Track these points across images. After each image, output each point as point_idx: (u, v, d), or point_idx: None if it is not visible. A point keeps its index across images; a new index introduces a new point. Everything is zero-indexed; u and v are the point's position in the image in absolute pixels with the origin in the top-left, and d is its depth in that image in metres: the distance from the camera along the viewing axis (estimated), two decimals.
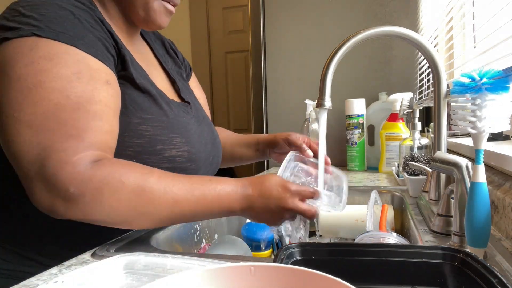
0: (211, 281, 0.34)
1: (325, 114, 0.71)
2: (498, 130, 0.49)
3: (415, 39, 0.72)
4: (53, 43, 0.57)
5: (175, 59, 0.93)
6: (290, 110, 1.71)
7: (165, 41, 0.94)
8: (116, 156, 0.61)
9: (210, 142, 0.83)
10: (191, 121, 0.77)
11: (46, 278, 0.52)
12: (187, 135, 0.73)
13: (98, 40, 0.62)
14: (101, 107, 0.58)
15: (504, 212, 0.61)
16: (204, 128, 0.82)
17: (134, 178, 0.56)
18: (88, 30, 0.61)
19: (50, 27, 0.57)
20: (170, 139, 0.69)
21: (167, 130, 0.69)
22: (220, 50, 3.19)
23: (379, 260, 0.47)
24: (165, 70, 0.84)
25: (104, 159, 0.56)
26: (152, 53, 0.85)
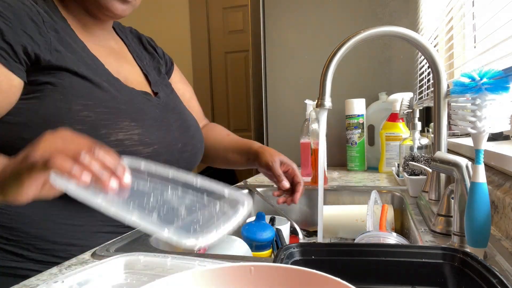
0: (211, 281, 0.34)
1: (325, 114, 0.71)
2: (498, 130, 0.49)
3: (415, 39, 0.72)
4: None
5: (153, 55, 0.97)
6: (290, 110, 1.71)
7: (143, 38, 0.98)
8: None
9: (178, 130, 0.83)
10: (150, 108, 0.79)
11: (46, 278, 0.52)
12: (141, 119, 0.74)
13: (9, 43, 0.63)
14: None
15: (504, 212, 0.61)
16: (170, 115, 0.83)
17: None
18: (8, 26, 0.63)
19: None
20: (116, 123, 0.70)
21: (113, 115, 0.70)
22: (220, 50, 3.19)
23: (379, 260, 0.47)
24: (138, 65, 0.88)
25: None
26: (127, 48, 0.89)
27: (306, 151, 1.35)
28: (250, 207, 0.51)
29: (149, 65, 0.92)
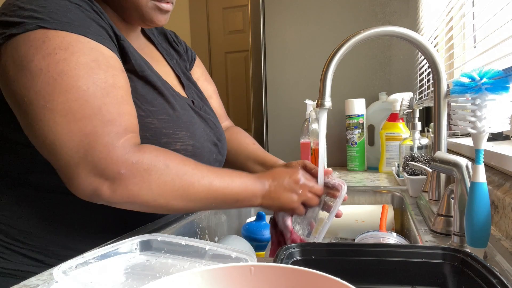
0: (211, 281, 0.34)
1: (325, 114, 0.71)
2: (498, 130, 0.49)
3: (415, 39, 0.72)
4: (62, 34, 0.57)
5: (179, 52, 0.92)
6: (290, 110, 1.71)
7: (168, 33, 0.92)
8: None
9: (214, 138, 0.82)
10: (195, 116, 0.78)
11: (46, 278, 0.52)
12: (192, 129, 0.74)
13: (102, 29, 0.62)
14: (124, 92, 0.60)
15: (504, 212, 0.61)
16: (208, 124, 0.82)
17: (176, 163, 0.60)
18: (91, 19, 0.61)
19: (55, 18, 0.57)
20: (175, 133, 0.70)
21: (172, 123, 0.70)
22: (220, 50, 3.19)
23: (379, 260, 0.47)
24: (170, 66, 0.84)
25: (144, 145, 0.60)
26: (155, 48, 0.84)
27: (306, 151, 1.35)
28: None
29: (178, 64, 0.89)
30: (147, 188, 0.57)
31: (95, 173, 0.55)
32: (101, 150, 0.55)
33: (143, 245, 0.57)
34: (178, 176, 0.59)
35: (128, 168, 0.56)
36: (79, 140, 0.55)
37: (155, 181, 0.58)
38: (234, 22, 3.14)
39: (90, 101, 0.56)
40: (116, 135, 0.56)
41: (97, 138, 0.55)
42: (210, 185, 0.62)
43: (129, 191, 0.57)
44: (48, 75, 0.55)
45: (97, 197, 0.57)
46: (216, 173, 0.64)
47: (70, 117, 0.55)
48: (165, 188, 0.59)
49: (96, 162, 0.55)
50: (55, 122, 0.55)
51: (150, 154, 0.58)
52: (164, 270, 0.51)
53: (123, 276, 0.50)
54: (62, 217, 0.69)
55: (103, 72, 0.58)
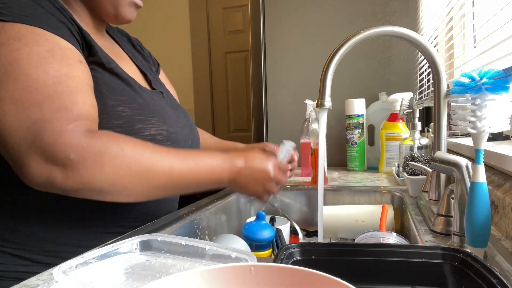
0: (211, 281, 0.34)
1: (325, 114, 0.71)
2: (498, 130, 0.49)
3: (415, 39, 0.72)
4: (19, 26, 0.58)
5: (143, 55, 0.95)
6: (290, 110, 1.71)
7: (131, 38, 0.96)
8: None
9: (187, 126, 0.85)
10: (166, 106, 0.80)
11: (46, 278, 0.52)
12: (164, 116, 0.75)
13: (62, 24, 0.63)
14: (79, 82, 0.60)
15: (504, 212, 0.61)
16: (179, 113, 0.85)
17: (132, 146, 0.58)
18: (51, 14, 0.62)
19: (13, 12, 0.58)
20: (148, 119, 0.71)
21: (144, 110, 0.71)
22: (220, 50, 3.19)
23: (379, 260, 0.47)
24: (135, 64, 0.86)
25: (97, 131, 0.58)
26: (120, 48, 0.87)
27: (306, 151, 1.35)
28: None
29: (143, 64, 0.91)
30: (100, 172, 0.55)
31: (45, 160, 0.54)
32: (49, 136, 0.54)
33: (143, 245, 0.57)
34: (134, 160, 0.57)
35: (78, 152, 0.54)
36: (27, 127, 0.54)
37: (108, 165, 0.56)
38: (234, 22, 3.14)
39: (40, 89, 0.55)
40: (66, 120, 0.55)
41: (45, 124, 0.54)
42: (171, 169, 0.60)
43: (81, 176, 0.55)
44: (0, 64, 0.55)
45: (50, 185, 0.56)
46: (178, 155, 0.63)
47: (18, 105, 0.54)
48: (120, 172, 0.56)
49: (45, 148, 0.54)
50: (3, 110, 0.54)
51: (102, 138, 0.57)
52: (164, 270, 0.51)
53: (123, 276, 0.50)
54: (49, 213, 0.68)
55: (57, 62, 0.58)
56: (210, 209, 0.91)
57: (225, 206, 1.00)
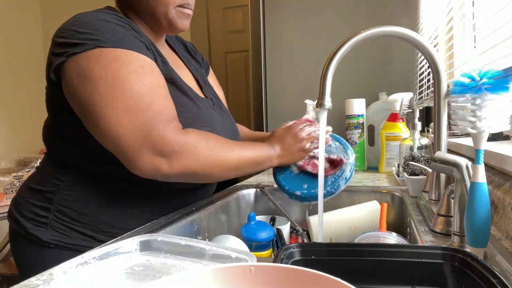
0: (212, 281, 0.34)
1: (325, 114, 0.71)
2: (498, 130, 0.49)
3: (415, 39, 0.72)
4: (115, 50, 0.71)
5: (197, 59, 1.05)
6: (290, 110, 1.71)
7: (187, 44, 1.06)
8: None
9: (231, 132, 0.95)
10: (215, 113, 0.91)
11: (46, 278, 0.52)
12: (213, 124, 0.87)
13: (142, 43, 0.76)
14: (165, 90, 0.75)
15: (504, 212, 0.61)
16: (226, 120, 0.95)
17: (213, 140, 0.77)
18: (134, 37, 0.76)
19: (107, 38, 0.71)
20: (198, 128, 0.81)
21: (196, 120, 0.83)
22: (220, 50, 3.19)
23: (379, 260, 0.47)
24: (190, 71, 0.96)
25: (187, 129, 0.75)
26: (177, 55, 0.97)
27: None
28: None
29: (197, 70, 1.01)
30: (196, 160, 0.73)
31: (155, 153, 0.70)
32: (157, 134, 0.69)
33: (143, 245, 0.57)
34: (216, 149, 0.76)
35: (180, 145, 0.71)
36: (139, 129, 0.69)
37: (201, 154, 0.74)
38: (234, 22, 3.14)
39: (142, 98, 0.70)
40: (166, 121, 0.71)
41: (152, 125, 0.69)
42: (240, 154, 0.80)
43: (183, 164, 0.72)
44: (107, 81, 0.69)
45: (158, 173, 0.72)
46: (240, 145, 0.83)
47: (129, 111, 0.69)
48: (208, 159, 0.75)
49: (155, 144, 0.69)
50: (118, 116, 0.69)
51: (194, 134, 0.75)
52: (164, 270, 0.51)
53: (123, 276, 0.50)
54: (112, 201, 0.82)
55: (149, 75, 0.72)
56: (210, 209, 0.91)
57: (225, 206, 1.00)
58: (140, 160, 0.70)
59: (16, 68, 3.15)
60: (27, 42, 3.26)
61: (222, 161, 0.77)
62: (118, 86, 0.69)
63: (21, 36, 3.23)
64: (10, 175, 2.36)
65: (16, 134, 3.16)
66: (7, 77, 3.09)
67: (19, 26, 3.22)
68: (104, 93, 0.69)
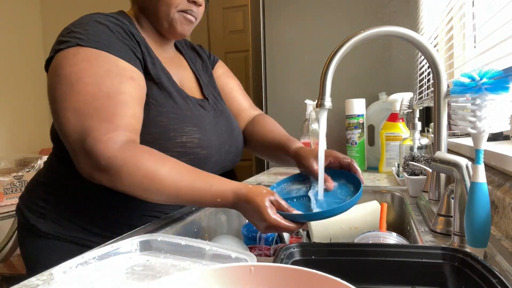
0: (212, 281, 0.34)
1: (325, 114, 0.71)
2: (498, 130, 0.49)
3: (415, 39, 0.72)
4: (91, 50, 0.72)
5: (202, 57, 1.05)
6: (290, 110, 1.71)
7: (195, 46, 1.08)
8: (140, 142, 0.73)
9: (226, 133, 0.92)
10: (206, 114, 0.89)
11: (46, 278, 0.52)
12: (201, 125, 0.84)
13: (127, 47, 0.77)
14: (126, 97, 0.72)
15: (504, 212, 0.61)
16: (220, 120, 0.93)
17: (148, 165, 0.68)
18: (119, 40, 0.76)
19: (90, 38, 0.73)
20: (182, 128, 0.80)
21: (180, 120, 0.81)
22: (220, 50, 3.19)
23: (379, 260, 0.47)
24: (193, 71, 0.98)
25: (130, 142, 0.69)
26: (183, 58, 0.99)
27: None
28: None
29: (201, 68, 1.02)
30: (119, 181, 0.67)
31: (88, 160, 0.68)
32: (90, 142, 0.67)
33: (143, 245, 0.57)
34: (146, 179, 0.67)
35: (106, 160, 0.66)
36: (79, 133, 0.68)
37: (126, 178, 0.67)
38: (234, 22, 3.14)
39: (93, 103, 0.69)
40: (105, 131, 0.67)
41: (90, 132, 0.67)
42: (178, 190, 0.67)
43: (109, 180, 0.68)
44: (69, 80, 0.70)
45: (92, 179, 0.69)
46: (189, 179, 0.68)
47: (76, 114, 0.69)
48: (134, 185, 0.68)
49: (87, 152, 0.67)
50: (67, 118, 0.69)
51: (127, 152, 0.67)
52: (164, 270, 0.51)
53: (123, 276, 0.50)
54: (108, 195, 0.78)
55: (111, 80, 0.71)
56: (210, 209, 0.91)
57: None
58: (79, 163, 0.69)
59: (16, 68, 3.15)
60: (27, 43, 3.26)
61: (151, 191, 0.68)
62: (76, 87, 0.69)
63: (21, 36, 3.23)
64: (10, 175, 2.36)
65: (16, 134, 3.16)
66: (7, 77, 3.09)
67: (19, 26, 3.23)
68: (64, 92, 0.70)
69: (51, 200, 0.84)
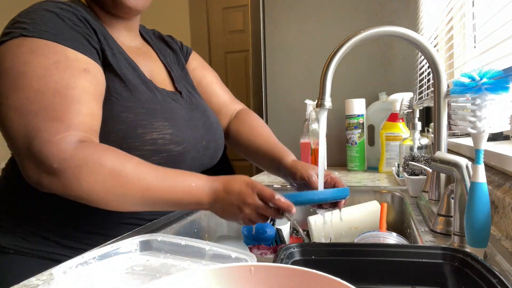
0: (212, 281, 0.34)
1: (325, 114, 0.71)
2: (498, 130, 0.49)
3: (415, 39, 0.72)
4: (36, 40, 0.64)
5: (175, 50, 0.96)
6: (290, 110, 1.71)
7: (164, 37, 0.98)
8: (101, 141, 0.66)
9: (203, 128, 0.84)
10: (179, 108, 0.81)
11: (46, 278, 0.52)
12: (172, 119, 0.76)
13: (80, 35, 0.68)
14: (78, 92, 0.63)
15: (504, 212, 0.61)
16: (195, 114, 0.85)
17: (111, 162, 0.60)
18: (70, 27, 0.68)
19: (36, 28, 0.65)
20: (151, 123, 0.72)
21: (148, 115, 0.73)
22: (220, 50, 3.19)
23: (379, 260, 0.47)
24: (163, 63, 0.89)
25: (87, 142, 0.61)
26: (151, 48, 0.90)
27: (306, 151, 1.36)
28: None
29: (172, 61, 0.93)
30: (78, 184, 0.59)
31: (36, 165, 0.59)
32: (38, 144, 0.59)
33: (143, 245, 0.57)
34: (111, 176, 0.60)
35: (59, 163, 0.58)
36: (24, 134, 0.60)
37: (85, 178, 0.59)
38: (234, 22, 3.14)
39: (39, 100, 0.61)
40: (55, 131, 0.59)
41: (37, 133, 0.59)
42: (147, 188, 0.61)
43: (62, 184, 0.59)
44: (11, 75, 0.62)
45: (41, 187, 0.60)
46: (158, 175, 0.63)
47: (19, 113, 0.60)
48: (95, 186, 0.59)
49: (35, 155, 0.59)
50: (9, 117, 0.61)
51: (86, 151, 0.60)
52: (164, 270, 0.51)
53: (123, 276, 0.50)
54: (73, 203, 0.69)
55: (60, 73, 0.63)
56: None
57: None
58: (25, 169, 0.60)
59: None
60: None
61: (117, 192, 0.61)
62: (19, 82, 0.61)
63: None
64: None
65: None
66: None
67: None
68: (5, 88, 0.62)
69: (11, 211, 0.74)
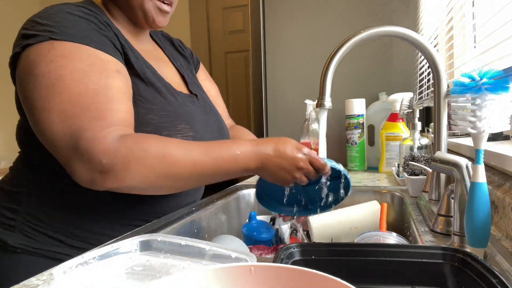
0: (212, 281, 0.34)
1: (325, 114, 0.71)
2: (498, 130, 0.49)
3: (415, 39, 0.72)
4: (66, 44, 0.65)
5: (184, 56, 1.00)
6: (290, 110, 1.71)
7: (174, 40, 1.01)
8: None
9: (217, 131, 0.89)
10: (197, 111, 0.84)
11: (46, 278, 0.52)
12: (192, 122, 0.80)
13: (106, 38, 0.71)
14: (115, 91, 0.66)
15: (504, 212, 0.61)
16: (210, 117, 0.88)
17: (155, 146, 0.63)
18: (95, 30, 0.70)
19: (63, 31, 0.66)
20: (175, 126, 0.75)
21: (171, 118, 0.76)
22: (220, 50, 3.19)
23: (379, 260, 0.47)
24: (175, 66, 0.92)
25: (127, 134, 0.64)
26: (162, 51, 0.92)
27: None
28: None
29: (183, 65, 0.95)
30: (129, 174, 0.61)
31: (86, 165, 0.61)
32: (85, 143, 0.60)
33: (143, 245, 0.57)
34: (158, 159, 0.62)
35: (108, 157, 0.60)
36: (69, 137, 0.61)
37: (135, 167, 0.61)
38: (234, 22, 3.14)
39: (80, 101, 0.63)
40: (100, 128, 0.61)
41: (82, 133, 0.61)
42: (194, 163, 0.64)
43: (115, 178, 0.61)
44: (48, 79, 0.63)
45: (95, 185, 0.63)
46: (201, 149, 0.65)
47: (63, 116, 0.62)
48: (146, 172, 0.62)
49: (83, 155, 0.60)
50: (51, 121, 0.62)
51: (130, 141, 0.62)
52: (164, 270, 0.51)
53: (123, 276, 0.50)
54: (84, 204, 0.75)
55: (97, 75, 0.65)
56: (210, 209, 0.91)
57: (225, 206, 1.00)
58: (75, 172, 0.62)
59: None
60: None
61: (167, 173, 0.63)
62: (58, 87, 0.63)
63: None
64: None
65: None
66: (7, 77, 3.09)
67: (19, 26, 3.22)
68: (43, 93, 0.63)
69: (21, 211, 0.75)
